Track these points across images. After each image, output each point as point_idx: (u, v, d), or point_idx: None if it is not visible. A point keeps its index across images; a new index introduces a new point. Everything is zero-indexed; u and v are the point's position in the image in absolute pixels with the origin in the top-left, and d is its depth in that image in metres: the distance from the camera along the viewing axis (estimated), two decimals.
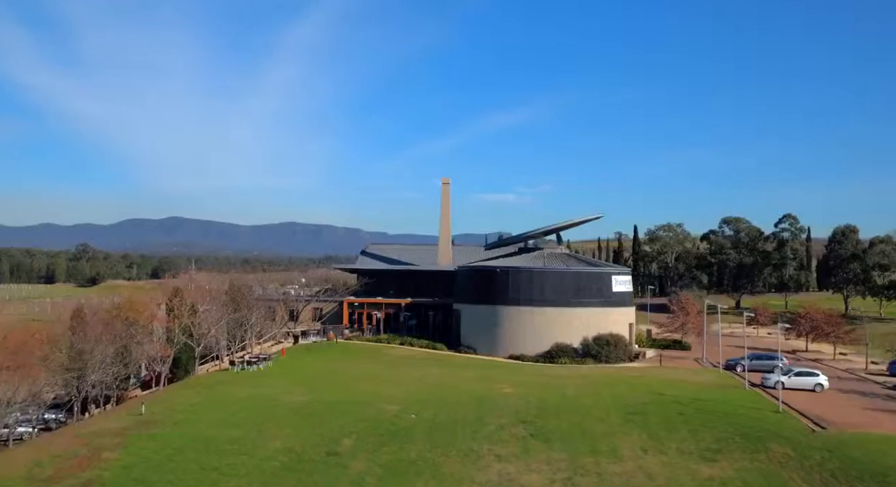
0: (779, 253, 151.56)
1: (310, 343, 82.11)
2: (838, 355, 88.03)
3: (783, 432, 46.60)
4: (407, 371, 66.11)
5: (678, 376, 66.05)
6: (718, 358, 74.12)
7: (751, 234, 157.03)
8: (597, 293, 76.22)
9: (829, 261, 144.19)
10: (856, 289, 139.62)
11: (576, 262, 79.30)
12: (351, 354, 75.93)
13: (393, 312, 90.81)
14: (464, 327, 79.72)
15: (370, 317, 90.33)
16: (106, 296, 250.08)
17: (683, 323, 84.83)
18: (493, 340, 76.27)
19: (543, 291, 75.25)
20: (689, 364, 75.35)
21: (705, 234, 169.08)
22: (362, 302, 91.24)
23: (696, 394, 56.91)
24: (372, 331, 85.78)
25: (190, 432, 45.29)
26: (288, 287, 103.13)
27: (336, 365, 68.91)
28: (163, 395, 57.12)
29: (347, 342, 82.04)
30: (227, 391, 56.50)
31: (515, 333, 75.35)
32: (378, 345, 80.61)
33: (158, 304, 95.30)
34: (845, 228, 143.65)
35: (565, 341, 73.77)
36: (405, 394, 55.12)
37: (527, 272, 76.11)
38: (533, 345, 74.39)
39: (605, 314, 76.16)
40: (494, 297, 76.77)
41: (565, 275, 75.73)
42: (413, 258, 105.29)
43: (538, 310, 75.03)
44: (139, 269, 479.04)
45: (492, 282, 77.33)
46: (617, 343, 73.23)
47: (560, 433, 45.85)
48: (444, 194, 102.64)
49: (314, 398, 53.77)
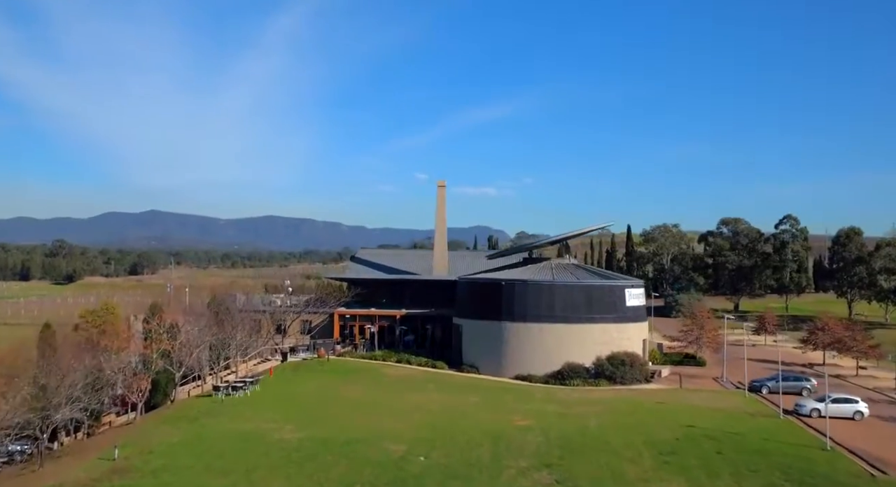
0: (779, 255, 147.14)
1: (299, 360, 76.25)
2: (857, 369, 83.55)
3: (838, 477, 41.48)
4: (408, 396, 60.47)
5: (703, 401, 60.89)
6: (742, 377, 69.07)
7: (750, 236, 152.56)
8: (610, 308, 70.85)
9: (833, 264, 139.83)
10: (860, 294, 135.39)
11: (586, 274, 73.78)
12: (344, 374, 70.18)
13: (387, 325, 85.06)
14: (466, 344, 74.14)
15: (363, 330, 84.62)
16: (81, 295, 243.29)
17: (699, 336, 79.59)
18: (497, 359, 70.75)
19: (553, 306, 69.76)
20: (708, 384, 70.16)
21: (703, 235, 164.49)
22: (354, 314, 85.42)
23: (730, 426, 51.77)
24: (365, 347, 79.88)
25: (170, 482, 39.52)
26: (274, 296, 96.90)
27: (329, 390, 63.15)
28: (139, 431, 51.14)
29: (339, 359, 76.24)
30: (211, 426, 50.65)
31: (522, 352, 69.88)
32: (373, 363, 74.80)
33: (136, 315, 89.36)
34: (849, 230, 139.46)
35: (577, 360, 68.37)
36: (410, 429, 49.51)
37: (534, 285, 70.55)
38: (542, 365, 68.93)
39: (618, 330, 70.81)
40: (499, 312, 71.21)
41: (576, 289, 70.26)
42: (406, 264, 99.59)
43: (547, 327, 69.58)
44: (117, 265, 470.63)
45: (496, 296, 71.73)
46: (633, 362, 67.92)
47: (589, 479, 40.42)
48: (440, 198, 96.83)
49: (308, 434, 48.02)
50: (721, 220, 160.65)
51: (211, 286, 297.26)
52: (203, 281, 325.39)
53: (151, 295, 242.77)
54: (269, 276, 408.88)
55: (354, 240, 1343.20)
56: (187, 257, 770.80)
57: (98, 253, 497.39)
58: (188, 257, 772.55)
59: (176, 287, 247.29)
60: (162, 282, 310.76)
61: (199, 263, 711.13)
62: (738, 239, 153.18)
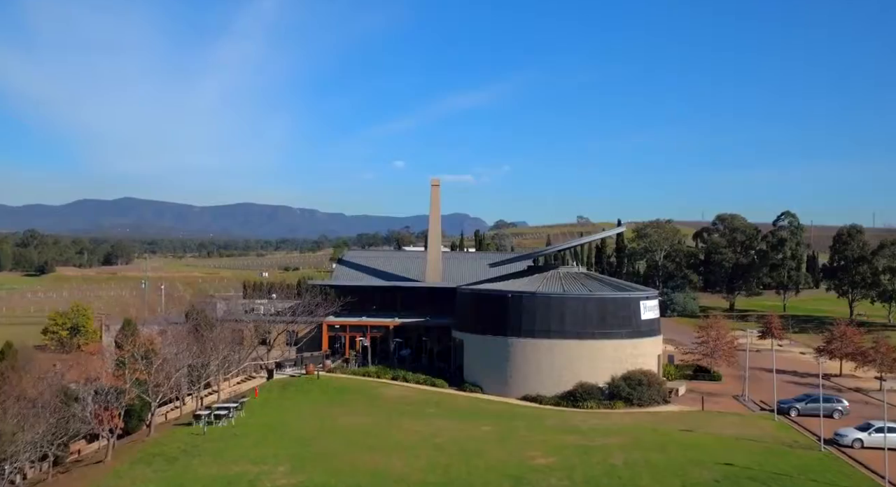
0: (777, 252, 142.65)
1: (286, 377, 70.31)
2: (874, 379, 79.16)
3: None
4: (410, 424, 54.77)
5: (732, 428, 55.76)
6: (764, 394, 64.20)
7: (747, 233, 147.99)
8: (624, 322, 65.48)
9: (833, 263, 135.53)
10: (861, 293, 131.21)
11: (597, 284, 68.24)
12: (337, 395, 64.42)
13: (380, 335, 79.26)
14: (467, 360, 68.57)
15: (353, 342, 78.82)
16: (53, 290, 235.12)
17: (714, 348, 74.48)
18: (503, 377, 65.27)
19: (563, 320, 64.27)
20: (731, 405, 65.07)
21: (698, 232, 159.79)
22: (344, 323, 79.53)
23: (770, 463, 46.48)
24: (357, 361, 73.94)
25: None
26: (257, 302, 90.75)
27: (323, 417, 57.23)
28: (111, 474, 45.06)
29: (330, 375, 70.35)
30: (193, 469, 44.60)
31: (530, 370, 64.43)
32: (367, 381, 69.02)
33: (107, 325, 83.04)
34: (850, 228, 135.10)
35: (589, 379, 63.06)
36: (419, 471, 43.75)
37: (543, 298, 64.98)
38: (551, 384, 63.58)
39: (633, 346, 65.54)
40: (505, 327, 65.64)
41: (588, 302, 64.78)
42: (397, 267, 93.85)
43: (557, 344, 64.12)
44: (91, 256, 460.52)
45: (501, 310, 66.15)
46: (650, 382, 62.70)
47: None
48: (434, 197, 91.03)
49: (303, 480, 42.19)
50: (717, 216, 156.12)
51: (187, 279, 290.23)
52: (179, 274, 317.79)
53: (126, 290, 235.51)
54: (247, 267, 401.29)
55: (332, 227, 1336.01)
56: (162, 246, 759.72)
57: (71, 243, 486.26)
58: (163, 246, 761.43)
59: (152, 279, 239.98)
60: (137, 274, 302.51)
61: (175, 252, 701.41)
62: (735, 235, 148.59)
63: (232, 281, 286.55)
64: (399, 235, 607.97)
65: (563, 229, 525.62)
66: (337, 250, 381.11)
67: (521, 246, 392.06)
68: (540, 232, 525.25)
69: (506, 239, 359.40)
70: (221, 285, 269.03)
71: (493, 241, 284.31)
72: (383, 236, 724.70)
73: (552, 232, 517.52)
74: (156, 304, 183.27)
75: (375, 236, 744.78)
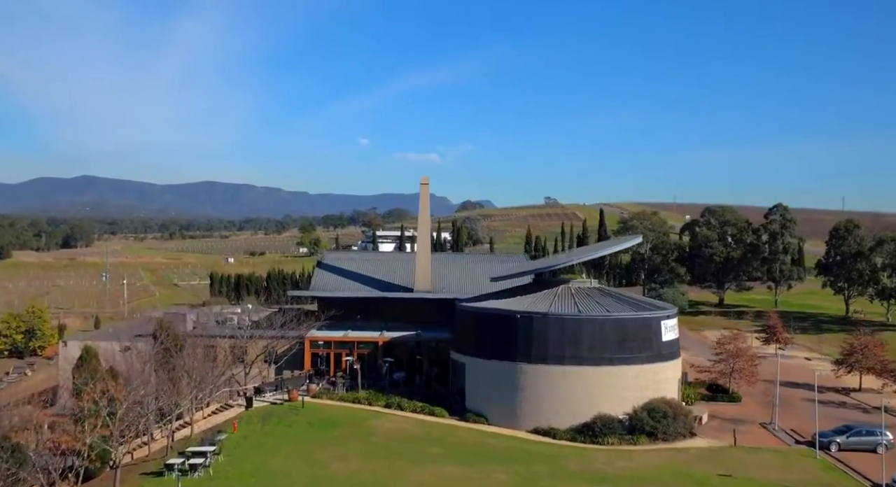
0: (769, 246, 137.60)
1: (267, 404, 62.98)
2: None
3: None
4: (413, 473, 47.80)
5: (773, 471, 49.96)
6: (792, 421, 58.34)
7: (738, 226, 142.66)
8: (644, 345, 59.07)
9: (829, 258, 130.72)
10: (858, 290, 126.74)
11: (614, 302, 61.52)
12: (325, 429, 57.20)
13: (368, 352, 72.20)
14: (470, 386, 61.74)
15: (339, 359, 71.73)
16: (9, 279, 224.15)
17: (734, 368, 68.53)
18: (511, 407, 58.58)
19: (579, 345, 57.67)
20: (761, 436, 59.12)
21: (687, 225, 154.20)
22: (329, 339, 72.29)
23: None
24: (346, 384, 66.64)
25: None
26: (229, 311, 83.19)
27: (312, 462, 49.88)
28: None
29: (316, 403, 63.15)
30: None
31: (542, 399, 57.85)
32: (357, 410, 61.82)
33: (65, 342, 75.15)
34: (847, 223, 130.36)
35: (608, 410, 56.71)
36: None
37: (557, 319, 58.21)
38: (566, 416, 57.11)
39: (654, 372, 59.21)
40: (513, 352, 58.85)
41: (606, 324, 58.19)
42: (383, 271, 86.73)
43: (572, 370, 57.53)
44: (49, 239, 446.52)
45: (509, 332, 59.32)
46: (676, 413, 56.44)
47: None
48: (423, 196, 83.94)
49: None
50: (706, 209, 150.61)
51: (150, 266, 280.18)
52: (141, 260, 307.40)
53: (86, 278, 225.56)
54: (211, 250, 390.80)
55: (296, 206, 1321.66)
56: (123, 226, 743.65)
57: (28, 226, 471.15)
58: (124, 226, 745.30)
59: (113, 266, 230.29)
60: (97, 260, 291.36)
61: (136, 232, 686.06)
62: (726, 229, 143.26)
63: (197, 267, 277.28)
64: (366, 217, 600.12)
65: (531, 211, 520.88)
66: (305, 235, 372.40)
67: (491, 229, 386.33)
68: (509, 213, 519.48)
69: (477, 222, 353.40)
70: (186, 273, 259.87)
71: (464, 225, 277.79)
72: (349, 216, 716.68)
73: (520, 213, 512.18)
74: (118, 297, 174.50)
75: (341, 216, 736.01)
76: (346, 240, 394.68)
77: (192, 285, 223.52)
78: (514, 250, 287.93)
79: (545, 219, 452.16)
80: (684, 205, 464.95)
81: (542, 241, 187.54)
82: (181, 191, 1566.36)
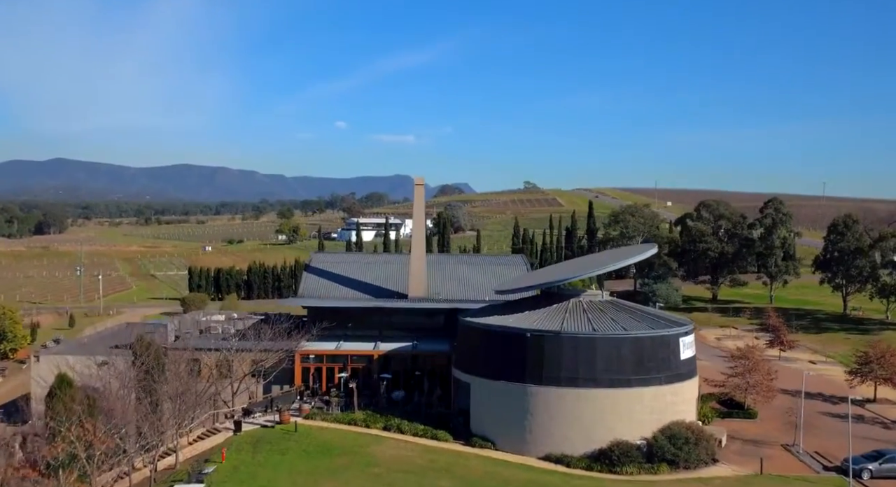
0: (764, 241, 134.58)
1: (257, 427, 58.62)
2: None
3: None
4: None
5: None
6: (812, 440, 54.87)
7: (733, 220, 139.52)
8: (663, 365, 55.28)
9: (827, 254, 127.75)
10: (857, 288, 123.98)
11: (628, 318, 57.43)
12: (321, 457, 52.93)
13: (363, 366, 67.96)
14: (475, 408, 57.65)
15: (331, 373, 67.45)
16: None
17: (752, 384, 64.92)
18: (520, 432, 54.63)
19: (594, 366, 53.72)
20: (786, 461, 55.51)
21: (680, 219, 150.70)
22: (321, 353, 67.94)
23: None
24: (340, 404, 62.30)
25: None
26: (213, 321, 78.50)
27: None
28: None
29: (309, 425, 58.83)
30: None
31: (554, 424, 53.95)
32: (354, 433, 57.59)
33: (37, 356, 70.29)
34: (846, 218, 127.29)
35: (625, 436, 52.94)
36: None
37: (570, 339, 54.15)
38: (580, 442, 53.31)
39: (672, 393, 55.48)
40: (522, 372, 54.80)
41: (623, 343, 54.24)
42: (375, 275, 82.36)
43: (586, 393, 53.63)
44: (21, 225, 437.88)
45: (518, 351, 55.22)
46: (697, 439, 52.70)
47: None
48: (417, 198, 79.65)
49: None
50: (700, 203, 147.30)
51: (126, 255, 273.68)
52: (116, 248, 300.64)
53: (60, 269, 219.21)
54: (188, 237, 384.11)
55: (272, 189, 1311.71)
56: (97, 211, 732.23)
57: (0, 211, 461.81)
58: (98, 211, 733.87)
59: (87, 255, 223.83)
60: (71, 249, 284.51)
61: (111, 217, 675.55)
62: (720, 223, 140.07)
63: (174, 256, 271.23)
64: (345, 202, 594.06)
65: (512, 196, 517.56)
66: (284, 223, 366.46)
67: (472, 215, 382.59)
68: (489, 199, 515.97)
69: (458, 209, 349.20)
70: (163, 262, 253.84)
71: (445, 211, 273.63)
72: (327, 201, 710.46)
73: (501, 199, 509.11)
74: (93, 291, 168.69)
75: (319, 201, 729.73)
76: (325, 225, 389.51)
77: (169, 276, 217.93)
78: (498, 237, 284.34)
79: (526, 206, 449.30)
80: (666, 190, 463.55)
81: (529, 233, 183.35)
82: (156, 174, 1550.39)
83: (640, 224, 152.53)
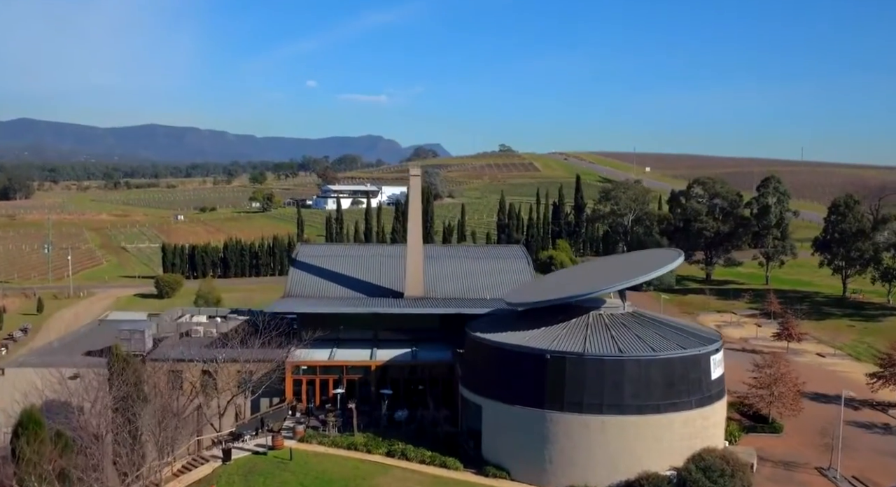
0: (760, 221, 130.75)
1: (248, 454, 53.37)
2: None
3: None
4: None
5: None
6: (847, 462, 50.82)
7: (729, 198, 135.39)
8: (694, 387, 50.73)
9: (827, 235, 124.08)
10: (858, 270, 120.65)
11: (654, 335, 52.56)
12: None
13: (359, 378, 62.87)
14: (487, 433, 52.84)
15: (325, 385, 62.30)
16: None
17: (777, 395, 60.68)
18: (539, 461, 49.96)
19: (621, 391, 49.02)
20: None
21: (674, 195, 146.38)
22: (313, 364, 62.65)
23: None
24: (338, 423, 57.12)
25: None
26: (195, 323, 72.79)
27: None
28: None
29: (305, 450, 53.71)
30: None
31: (577, 453, 49.34)
32: (354, 461, 52.50)
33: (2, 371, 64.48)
34: (847, 198, 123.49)
35: (654, 466, 48.51)
36: None
37: (595, 362, 49.32)
38: (604, 472, 48.83)
39: (703, 417, 51.07)
40: (543, 397, 49.97)
41: (652, 365, 49.50)
42: (368, 270, 77.21)
43: (612, 421, 49.01)
44: None
45: (537, 374, 50.30)
46: (734, 469, 48.23)
47: None
48: (413, 190, 74.36)
49: None
50: (694, 180, 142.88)
51: (95, 225, 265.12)
52: (85, 217, 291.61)
53: (27, 242, 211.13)
54: (159, 203, 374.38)
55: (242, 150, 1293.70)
56: (64, 173, 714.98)
57: None
58: (65, 173, 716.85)
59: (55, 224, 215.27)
60: (38, 217, 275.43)
61: (79, 180, 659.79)
62: (716, 202, 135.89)
63: (145, 226, 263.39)
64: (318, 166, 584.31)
65: (487, 159, 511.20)
66: (257, 190, 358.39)
67: (448, 180, 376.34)
68: (465, 163, 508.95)
69: (435, 176, 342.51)
70: (134, 233, 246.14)
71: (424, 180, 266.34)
72: (299, 163, 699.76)
73: (477, 162, 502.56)
74: (62, 268, 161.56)
75: (292, 163, 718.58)
76: (299, 191, 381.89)
77: (141, 249, 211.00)
78: (478, 206, 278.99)
79: (503, 170, 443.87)
80: (644, 154, 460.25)
81: (515, 208, 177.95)
82: (123, 134, 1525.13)
83: (632, 201, 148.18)
